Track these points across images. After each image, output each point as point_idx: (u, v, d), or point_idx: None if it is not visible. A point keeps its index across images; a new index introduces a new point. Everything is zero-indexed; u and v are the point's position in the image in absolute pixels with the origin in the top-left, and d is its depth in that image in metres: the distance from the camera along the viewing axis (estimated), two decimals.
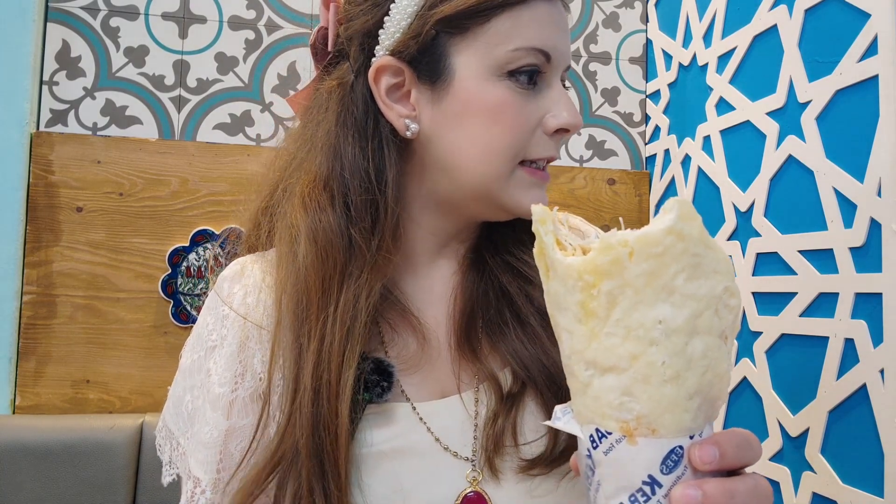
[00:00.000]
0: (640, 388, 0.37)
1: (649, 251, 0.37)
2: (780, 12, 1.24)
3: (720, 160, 1.41)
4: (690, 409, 0.38)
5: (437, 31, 0.58)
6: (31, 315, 1.45)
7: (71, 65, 1.53)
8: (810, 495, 1.10)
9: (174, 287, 1.50)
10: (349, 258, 0.59)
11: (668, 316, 0.37)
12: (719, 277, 0.38)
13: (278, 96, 1.62)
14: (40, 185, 1.46)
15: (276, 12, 1.63)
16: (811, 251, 1.13)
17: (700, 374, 0.38)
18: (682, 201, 0.38)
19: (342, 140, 0.60)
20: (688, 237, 0.38)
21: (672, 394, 0.37)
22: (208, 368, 0.63)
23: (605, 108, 1.78)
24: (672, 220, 0.37)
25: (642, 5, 1.81)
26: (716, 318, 0.38)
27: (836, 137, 1.09)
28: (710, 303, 0.38)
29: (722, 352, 0.39)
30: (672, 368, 0.37)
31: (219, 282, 0.66)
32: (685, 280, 0.37)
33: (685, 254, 0.37)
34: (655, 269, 0.37)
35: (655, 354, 0.37)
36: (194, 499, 0.59)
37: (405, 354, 0.62)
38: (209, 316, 0.65)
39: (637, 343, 0.37)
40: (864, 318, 1.01)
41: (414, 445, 0.58)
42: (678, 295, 0.37)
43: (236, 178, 1.55)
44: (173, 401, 0.66)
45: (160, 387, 1.50)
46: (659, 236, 0.37)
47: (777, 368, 1.21)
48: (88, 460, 1.31)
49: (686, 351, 0.37)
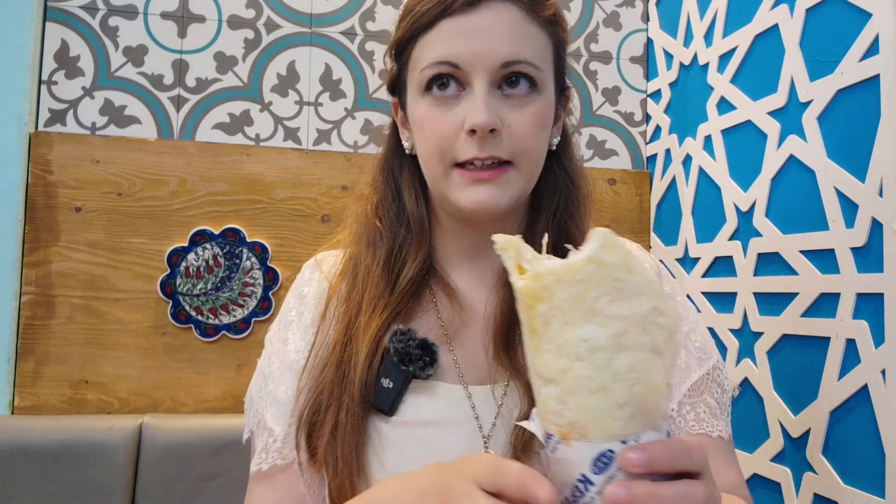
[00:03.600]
0: (570, 398, 0.43)
1: (573, 278, 0.42)
2: (781, 11, 1.23)
3: (721, 160, 1.41)
4: (620, 418, 0.42)
5: (398, 68, 0.72)
6: (29, 315, 1.44)
7: (70, 64, 1.53)
8: (811, 496, 1.10)
9: (173, 287, 1.50)
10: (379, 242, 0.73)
11: (593, 335, 0.42)
12: (644, 299, 0.43)
13: (277, 96, 1.62)
14: (39, 185, 1.46)
15: (276, 11, 1.63)
16: (812, 251, 1.13)
17: (629, 386, 0.42)
18: (604, 232, 0.43)
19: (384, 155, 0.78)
20: (609, 265, 0.42)
21: (599, 403, 0.42)
22: (286, 338, 0.74)
23: (606, 108, 1.78)
24: (593, 250, 0.42)
25: (643, 4, 1.80)
26: (644, 336, 0.43)
27: (838, 137, 1.09)
28: (635, 322, 0.43)
29: (654, 366, 0.43)
30: (596, 381, 0.42)
31: (302, 270, 0.79)
32: (608, 303, 0.42)
33: (606, 279, 0.42)
34: (579, 293, 0.42)
35: (581, 369, 0.42)
36: (267, 447, 0.69)
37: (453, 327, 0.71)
38: (291, 296, 0.77)
39: (566, 359, 0.43)
40: (866, 318, 1.01)
41: (451, 420, 0.66)
42: (602, 316, 0.42)
43: (235, 177, 1.55)
44: (258, 369, 0.76)
45: (159, 387, 1.49)
46: (581, 265, 0.42)
47: (778, 369, 1.21)
48: (87, 461, 1.30)
49: (611, 366, 0.42)
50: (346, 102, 1.65)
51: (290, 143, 1.62)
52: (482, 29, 0.64)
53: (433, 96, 0.66)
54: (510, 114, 0.65)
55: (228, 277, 1.53)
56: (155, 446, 1.34)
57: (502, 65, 0.64)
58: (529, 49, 0.66)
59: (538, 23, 0.68)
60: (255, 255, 1.54)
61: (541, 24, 0.68)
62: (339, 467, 0.64)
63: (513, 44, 0.65)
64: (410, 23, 0.68)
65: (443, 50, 0.65)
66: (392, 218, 0.74)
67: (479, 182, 0.65)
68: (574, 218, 0.74)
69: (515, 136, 0.65)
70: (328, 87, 1.64)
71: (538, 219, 0.74)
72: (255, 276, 1.54)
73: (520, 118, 0.66)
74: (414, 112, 0.69)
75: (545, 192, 0.74)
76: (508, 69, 0.65)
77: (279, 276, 1.55)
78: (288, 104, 1.62)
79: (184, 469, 1.33)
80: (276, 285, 1.55)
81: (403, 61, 0.71)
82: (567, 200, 0.74)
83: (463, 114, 0.65)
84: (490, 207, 0.65)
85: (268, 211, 1.56)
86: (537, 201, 0.75)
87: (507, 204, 0.66)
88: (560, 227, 0.73)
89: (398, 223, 0.73)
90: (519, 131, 0.66)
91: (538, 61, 0.67)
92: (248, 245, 1.54)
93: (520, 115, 0.66)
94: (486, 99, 0.64)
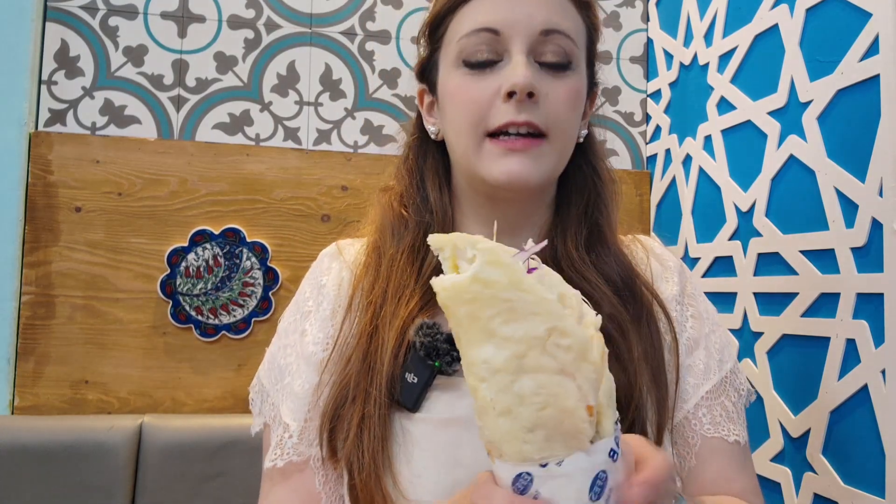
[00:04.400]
0: (483, 418, 0.41)
1: (462, 297, 0.40)
2: (781, 11, 1.23)
3: (721, 160, 1.41)
4: (532, 441, 0.40)
5: (430, 50, 0.72)
6: (29, 315, 1.44)
7: (70, 64, 1.53)
8: (811, 496, 1.10)
9: (173, 287, 1.50)
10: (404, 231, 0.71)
11: (491, 356, 0.40)
12: (538, 319, 0.40)
13: (277, 96, 1.62)
14: (39, 185, 1.46)
15: (276, 11, 1.63)
16: (812, 251, 1.13)
17: (536, 409, 0.39)
18: (487, 250, 0.40)
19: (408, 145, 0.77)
20: (495, 283, 0.39)
21: (507, 426, 0.40)
22: (304, 329, 0.71)
23: (606, 108, 1.78)
24: (476, 269, 0.40)
25: (643, 4, 1.80)
26: (545, 357, 0.40)
27: (838, 137, 1.09)
28: (532, 343, 0.39)
29: (565, 388, 0.40)
30: (501, 404, 0.40)
31: (319, 257, 0.77)
32: (501, 323, 0.40)
33: (495, 299, 0.40)
34: (473, 312, 0.40)
35: (485, 390, 0.40)
36: (282, 443, 0.67)
37: None
38: (308, 286, 0.75)
39: (473, 378, 0.41)
40: (866, 318, 1.01)
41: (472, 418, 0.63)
42: (498, 337, 0.40)
43: (235, 177, 1.55)
44: (269, 358, 0.73)
45: (159, 387, 1.49)
46: (465, 284, 0.40)
47: (778, 369, 1.21)
48: (87, 461, 1.30)
49: (513, 388, 0.40)
50: (346, 102, 1.65)
51: (290, 143, 1.62)
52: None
53: (469, 66, 0.66)
54: (547, 84, 0.65)
55: (228, 277, 1.53)
56: (155, 446, 1.34)
57: (542, 31, 0.65)
58: (567, 22, 0.67)
59: (574, 2, 0.69)
60: (255, 255, 1.54)
61: (577, 5, 0.69)
62: (366, 461, 0.61)
63: (552, 12, 0.66)
64: None
65: (483, 16, 0.65)
66: (417, 206, 0.73)
67: (512, 152, 0.64)
68: (605, 215, 0.73)
69: (551, 107, 0.65)
70: (328, 87, 1.64)
71: (569, 214, 0.73)
72: (255, 276, 1.54)
73: (557, 89, 0.65)
74: (446, 86, 0.68)
75: (574, 188, 0.74)
76: (548, 37, 0.65)
77: (279, 276, 1.55)
78: (288, 104, 1.62)
79: (184, 469, 1.33)
80: (276, 285, 1.55)
81: (438, 37, 0.70)
82: (597, 198, 0.74)
83: (499, 81, 0.64)
84: (524, 179, 0.64)
85: (268, 211, 1.56)
86: (566, 197, 0.74)
87: (538, 179, 0.65)
88: (592, 225, 0.72)
89: (423, 211, 0.72)
90: (555, 102, 0.65)
91: (574, 36, 0.67)
92: (248, 245, 1.54)
93: (557, 85, 0.65)
94: (525, 62, 0.64)
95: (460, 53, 0.66)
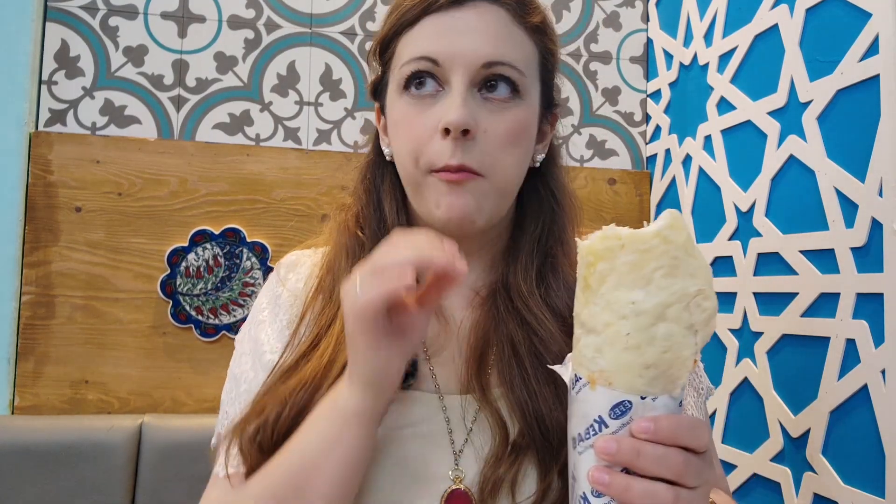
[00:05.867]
0: (607, 349, 0.47)
1: (636, 247, 0.47)
2: (781, 11, 1.23)
3: (721, 160, 1.41)
4: (645, 376, 0.46)
5: (381, 70, 0.71)
6: (29, 315, 1.44)
7: (70, 64, 1.53)
8: (811, 496, 1.10)
9: (173, 287, 1.50)
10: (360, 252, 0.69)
11: (641, 299, 0.46)
12: (694, 281, 0.47)
13: (278, 96, 1.62)
14: (39, 185, 1.46)
15: (276, 11, 1.63)
16: (812, 251, 1.13)
17: (660, 351, 0.46)
18: (675, 213, 0.47)
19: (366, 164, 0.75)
20: (672, 242, 0.47)
21: (630, 359, 0.46)
22: (258, 338, 0.71)
23: (606, 108, 1.78)
24: (661, 226, 0.47)
25: (643, 4, 1.80)
26: (685, 313, 0.47)
27: (838, 137, 1.09)
28: (681, 298, 0.46)
29: (687, 340, 0.47)
30: (634, 340, 0.46)
31: (276, 268, 0.77)
32: (662, 276, 0.46)
33: (666, 255, 0.46)
34: (639, 261, 0.47)
35: (623, 326, 0.47)
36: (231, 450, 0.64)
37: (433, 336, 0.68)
38: (264, 296, 0.75)
39: (612, 314, 0.47)
40: (866, 318, 1.01)
41: (425, 431, 0.63)
42: (654, 286, 0.46)
43: (235, 177, 1.55)
44: (228, 374, 0.73)
45: (159, 387, 1.49)
46: (647, 237, 0.47)
47: (778, 369, 1.21)
48: (87, 461, 1.30)
49: (650, 330, 0.46)
50: (346, 102, 1.65)
51: (290, 143, 1.62)
52: (465, 27, 0.63)
53: (411, 95, 0.64)
54: (487, 118, 0.63)
55: (228, 277, 1.53)
56: (155, 446, 1.34)
57: (483, 64, 0.62)
58: (513, 52, 0.64)
59: (525, 28, 0.66)
60: (256, 255, 1.54)
61: (527, 31, 0.66)
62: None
63: (496, 45, 0.63)
64: (395, 19, 0.66)
65: (423, 45, 0.63)
66: (373, 228, 0.70)
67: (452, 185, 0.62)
68: (561, 242, 0.71)
69: (489, 145, 0.62)
70: (328, 87, 1.64)
71: (521, 240, 0.71)
72: (256, 276, 1.54)
73: (497, 124, 0.63)
74: (392, 113, 0.67)
75: (529, 212, 0.72)
76: (490, 70, 0.62)
77: None
78: (288, 104, 1.62)
79: (184, 469, 1.33)
80: None
81: (386, 59, 0.69)
82: (552, 224, 0.72)
83: (439, 114, 0.62)
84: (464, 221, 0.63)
85: (268, 211, 1.56)
86: (521, 221, 0.72)
87: (484, 221, 0.64)
88: (546, 253, 0.71)
89: (379, 233, 0.69)
90: (494, 138, 0.63)
91: (522, 66, 0.64)
92: (249, 245, 1.54)
93: (497, 120, 0.63)
94: (463, 97, 0.61)
95: (402, 79, 0.64)
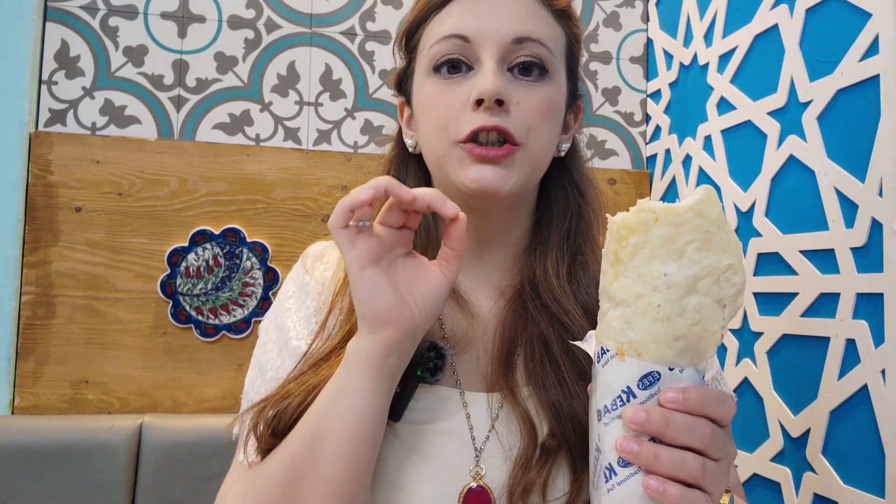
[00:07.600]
0: (637, 320, 0.48)
1: (670, 220, 0.47)
2: (781, 12, 1.23)
3: (721, 160, 1.41)
4: (674, 348, 0.47)
5: (406, 60, 0.71)
6: (29, 315, 1.44)
7: (70, 64, 1.53)
8: (811, 496, 1.10)
9: (173, 287, 1.50)
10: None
11: (673, 271, 0.47)
12: (725, 255, 0.48)
13: (278, 96, 1.62)
14: (39, 185, 1.46)
15: (276, 11, 1.63)
16: (812, 251, 1.13)
17: (690, 323, 0.47)
18: (709, 189, 0.48)
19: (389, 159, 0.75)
20: (706, 217, 0.47)
21: (660, 330, 0.47)
22: (285, 325, 0.70)
23: (606, 108, 1.78)
24: (695, 201, 0.47)
25: (643, 4, 1.80)
26: (715, 286, 0.48)
27: (838, 137, 1.09)
28: (712, 272, 0.47)
29: (716, 314, 0.48)
30: (665, 311, 0.47)
31: (302, 257, 0.76)
32: (695, 249, 0.47)
33: (699, 229, 0.47)
34: (672, 234, 0.47)
35: (655, 297, 0.47)
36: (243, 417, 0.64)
37: (458, 332, 0.68)
38: (290, 284, 0.74)
39: (644, 286, 0.48)
40: (866, 318, 1.01)
41: (446, 427, 0.63)
42: (686, 259, 0.47)
43: (235, 177, 1.55)
44: (253, 362, 0.72)
45: (159, 387, 1.49)
46: (681, 210, 0.47)
47: (778, 369, 1.21)
48: (87, 461, 1.30)
49: (681, 302, 0.47)
50: (346, 102, 1.65)
51: (290, 143, 1.62)
52: (494, 5, 0.64)
53: (441, 76, 0.64)
54: (519, 92, 0.63)
55: (228, 277, 1.53)
56: (155, 446, 1.34)
57: (514, 40, 0.63)
58: (542, 29, 0.65)
59: (551, 11, 0.67)
60: (256, 255, 1.54)
61: (553, 14, 0.67)
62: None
63: (525, 21, 0.64)
64: (423, 4, 0.68)
65: (453, 24, 0.64)
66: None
67: (484, 161, 0.62)
68: (588, 239, 0.71)
69: (523, 114, 0.63)
70: (328, 87, 1.64)
71: (549, 236, 0.70)
72: (256, 276, 1.54)
73: (529, 98, 0.63)
74: (419, 96, 0.67)
75: (555, 207, 0.71)
76: (520, 46, 0.63)
77: (279, 276, 1.55)
78: (288, 104, 1.62)
79: (184, 469, 1.33)
80: (277, 285, 1.55)
81: (412, 46, 0.69)
82: (579, 220, 0.71)
83: (469, 89, 0.62)
84: (495, 188, 0.62)
85: (268, 211, 1.56)
86: (547, 215, 0.72)
87: (510, 188, 0.63)
88: (575, 249, 0.70)
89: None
90: (527, 109, 0.63)
91: (550, 43, 0.65)
92: (249, 245, 1.54)
93: (530, 94, 0.63)
94: (495, 70, 0.62)
95: (431, 61, 0.65)
